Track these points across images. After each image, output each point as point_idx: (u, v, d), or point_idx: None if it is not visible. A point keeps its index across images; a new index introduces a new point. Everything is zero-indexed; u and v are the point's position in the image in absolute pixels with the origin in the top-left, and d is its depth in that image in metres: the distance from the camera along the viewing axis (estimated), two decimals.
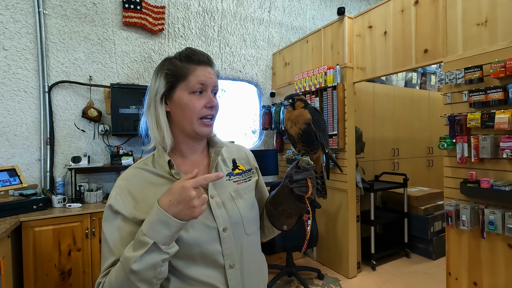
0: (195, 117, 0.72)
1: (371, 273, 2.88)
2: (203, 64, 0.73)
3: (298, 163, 0.73)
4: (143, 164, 0.76)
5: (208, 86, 0.73)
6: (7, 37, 2.43)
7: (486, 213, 1.72)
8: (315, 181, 0.74)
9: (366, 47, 2.61)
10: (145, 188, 0.71)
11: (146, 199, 0.69)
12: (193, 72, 0.72)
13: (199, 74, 0.72)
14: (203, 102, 0.72)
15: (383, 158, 3.71)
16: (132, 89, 2.69)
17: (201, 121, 0.73)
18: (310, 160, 0.74)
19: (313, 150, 0.78)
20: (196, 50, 0.75)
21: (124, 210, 0.68)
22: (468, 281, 1.89)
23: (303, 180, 0.71)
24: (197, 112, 0.72)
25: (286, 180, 0.74)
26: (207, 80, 0.73)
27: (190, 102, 0.71)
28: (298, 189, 0.72)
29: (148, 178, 0.73)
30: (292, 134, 0.78)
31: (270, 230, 0.87)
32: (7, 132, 2.44)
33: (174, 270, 0.69)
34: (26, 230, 1.98)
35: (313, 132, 0.76)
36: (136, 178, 0.73)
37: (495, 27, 1.74)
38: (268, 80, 3.81)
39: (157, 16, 2.99)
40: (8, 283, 1.77)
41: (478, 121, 1.74)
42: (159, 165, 0.74)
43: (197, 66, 0.72)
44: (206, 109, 0.73)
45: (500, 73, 1.64)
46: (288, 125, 0.79)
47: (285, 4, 3.88)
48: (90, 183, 2.66)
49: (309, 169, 0.72)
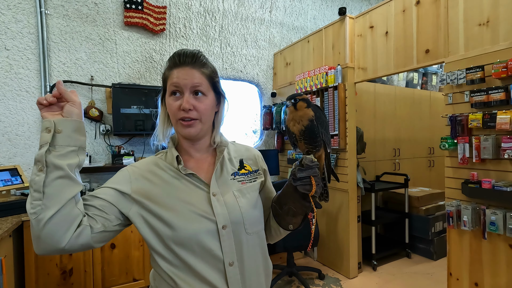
0: (174, 119, 0.75)
1: (372, 273, 2.88)
2: (179, 66, 0.74)
3: (302, 161, 0.73)
4: (155, 158, 0.81)
5: (183, 87, 0.73)
6: (9, 37, 2.44)
7: (487, 213, 1.72)
8: (320, 179, 0.73)
9: (368, 47, 2.61)
10: (153, 178, 0.76)
11: (152, 188, 0.74)
12: (170, 75, 0.74)
13: (173, 76, 0.73)
14: (178, 104, 0.73)
15: (384, 158, 3.71)
16: (134, 89, 2.69)
17: (180, 122, 0.74)
18: (313, 158, 0.73)
19: (315, 147, 0.76)
20: (177, 53, 0.75)
21: (128, 186, 0.73)
22: (469, 281, 1.89)
23: (307, 178, 0.71)
24: (174, 114, 0.74)
25: (290, 178, 0.74)
26: (180, 81, 0.73)
27: (169, 105, 0.75)
28: (302, 187, 0.71)
29: (158, 171, 0.77)
30: (294, 132, 0.77)
31: (276, 230, 0.86)
32: (9, 131, 2.45)
33: (180, 261, 0.71)
34: (27, 229, 1.98)
35: (316, 128, 0.76)
36: (149, 168, 0.78)
37: (497, 27, 1.74)
38: (269, 80, 3.81)
39: (158, 16, 2.99)
40: (9, 282, 1.77)
41: (479, 122, 1.74)
42: (169, 159, 0.79)
43: (174, 69, 0.74)
44: (180, 111, 0.73)
45: (501, 74, 1.64)
46: (290, 124, 0.78)
47: (286, 4, 3.88)
48: (91, 182, 2.67)
49: (312, 167, 0.71)
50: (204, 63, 0.76)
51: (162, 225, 0.71)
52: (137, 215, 0.72)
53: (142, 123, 2.70)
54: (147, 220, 0.72)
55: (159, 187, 0.74)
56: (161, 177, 0.76)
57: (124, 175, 0.76)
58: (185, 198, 0.73)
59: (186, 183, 0.75)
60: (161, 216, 0.71)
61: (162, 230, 0.70)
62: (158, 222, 0.71)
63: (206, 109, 0.75)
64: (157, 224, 0.71)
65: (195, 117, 0.73)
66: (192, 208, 0.72)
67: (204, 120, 0.76)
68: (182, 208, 0.72)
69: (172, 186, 0.75)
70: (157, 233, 0.71)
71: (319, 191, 0.73)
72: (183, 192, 0.74)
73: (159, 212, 0.71)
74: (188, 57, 0.74)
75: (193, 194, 0.74)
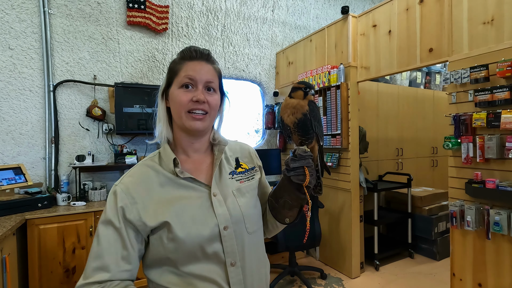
0: (183, 110, 0.72)
1: (374, 273, 2.87)
2: (195, 59, 0.74)
3: (295, 152, 0.73)
4: (150, 161, 0.77)
5: (197, 81, 0.73)
6: (13, 37, 2.45)
7: (491, 213, 1.70)
8: (314, 170, 0.73)
9: (370, 46, 2.60)
10: (150, 188, 0.72)
11: (150, 200, 0.70)
12: (183, 67, 0.73)
13: (188, 68, 0.73)
14: (190, 96, 0.72)
15: (387, 158, 3.69)
16: (136, 88, 2.70)
17: (189, 114, 0.72)
18: (307, 148, 0.73)
19: (308, 140, 0.77)
20: (192, 47, 0.75)
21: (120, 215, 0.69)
22: (473, 282, 1.87)
23: (300, 168, 0.71)
24: (184, 105, 0.72)
25: (284, 169, 0.74)
26: (196, 74, 0.72)
27: (177, 96, 0.73)
28: (296, 177, 0.71)
29: (154, 177, 0.73)
30: (288, 124, 0.78)
31: (273, 224, 0.87)
32: (13, 130, 2.46)
33: (171, 267, 0.69)
34: (31, 227, 2.00)
35: (309, 121, 0.76)
36: (143, 176, 0.74)
37: (502, 25, 1.72)
38: (272, 79, 3.80)
39: (161, 16, 3.00)
40: (13, 280, 1.78)
41: (483, 121, 1.73)
42: (164, 162, 0.75)
43: (189, 62, 0.74)
44: (192, 102, 0.72)
45: (506, 72, 1.62)
46: (285, 115, 0.78)
47: (289, 3, 3.87)
48: (94, 181, 2.68)
49: (306, 157, 0.71)
50: (215, 61, 0.79)
51: (165, 240, 0.68)
52: None
53: (145, 122, 2.70)
54: (148, 241, 0.72)
55: (155, 202, 0.70)
56: (156, 187, 0.72)
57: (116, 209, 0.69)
58: (185, 208, 0.70)
59: (184, 188, 0.73)
60: (160, 234, 0.69)
61: (165, 243, 0.68)
62: (159, 238, 0.69)
63: (216, 104, 0.77)
64: (158, 240, 0.69)
65: (206, 110, 0.74)
66: (192, 217, 0.70)
67: (212, 115, 0.76)
68: (181, 219, 0.69)
69: (170, 195, 0.71)
70: (159, 247, 0.70)
71: (313, 181, 0.72)
72: (181, 201, 0.71)
73: (158, 230, 0.69)
74: (204, 53, 0.75)
75: (192, 200, 0.72)
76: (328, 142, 2.85)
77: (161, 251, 0.69)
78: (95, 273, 0.65)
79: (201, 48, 0.76)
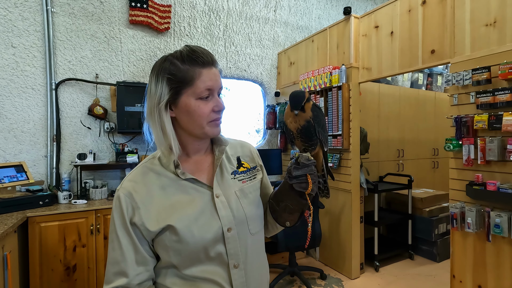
0: (205, 121, 0.70)
1: (374, 274, 2.87)
2: (208, 66, 0.69)
3: (298, 159, 0.71)
4: (150, 163, 0.75)
5: (214, 90, 0.71)
6: (16, 35, 2.46)
7: (492, 216, 1.70)
8: (316, 177, 0.71)
9: (372, 47, 2.59)
10: (151, 192, 0.71)
11: (152, 205, 0.70)
12: (199, 76, 0.68)
13: (206, 79, 0.69)
14: (211, 106, 0.70)
15: (387, 159, 3.69)
16: (138, 87, 2.71)
17: (211, 123, 0.72)
18: (310, 156, 0.72)
19: (311, 146, 0.76)
20: (198, 50, 0.70)
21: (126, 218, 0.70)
22: (473, 284, 1.87)
23: (303, 176, 0.69)
24: (206, 117, 0.70)
25: (286, 176, 0.73)
26: (214, 84, 0.70)
27: (198, 108, 0.69)
28: (298, 185, 0.69)
29: (155, 179, 0.72)
30: (291, 129, 0.76)
31: (273, 225, 0.87)
32: (15, 128, 2.47)
33: (174, 269, 0.70)
34: (32, 225, 2.01)
35: (313, 128, 0.74)
36: (143, 179, 0.72)
37: (504, 27, 1.72)
38: (273, 79, 3.81)
39: (163, 15, 3.00)
40: (14, 278, 1.79)
41: (485, 123, 1.73)
42: (165, 164, 0.73)
43: (202, 69, 0.69)
44: (214, 113, 0.71)
45: (508, 75, 1.62)
46: (288, 120, 0.77)
47: (291, 3, 3.87)
48: (95, 180, 2.69)
49: (309, 165, 0.69)
50: (217, 62, 0.76)
51: (169, 243, 0.69)
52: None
53: None
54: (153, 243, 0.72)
55: (156, 206, 0.69)
56: (157, 191, 0.71)
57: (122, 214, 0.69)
58: (187, 211, 0.70)
59: (186, 190, 0.72)
60: (163, 238, 0.69)
61: (169, 246, 0.69)
62: (162, 242, 0.69)
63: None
64: (162, 244, 0.69)
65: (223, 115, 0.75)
66: (196, 219, 0.69)
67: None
68: (184, 222, 0.68)
69: (171, 198, 0.70)
70: (163, 250, 0.70)
71: (315, 189, 0.71)
72: (183, 203, 0.70)
73: (161, 234, 0.69)
74: (209, 56, 0.71)
75: (195, 202, 0.71)
76: (329, 142, 2.85)
77: (164, 254, 0.69)
78: (115, 278, 0.68)
79: (205, 50, 0.71)
